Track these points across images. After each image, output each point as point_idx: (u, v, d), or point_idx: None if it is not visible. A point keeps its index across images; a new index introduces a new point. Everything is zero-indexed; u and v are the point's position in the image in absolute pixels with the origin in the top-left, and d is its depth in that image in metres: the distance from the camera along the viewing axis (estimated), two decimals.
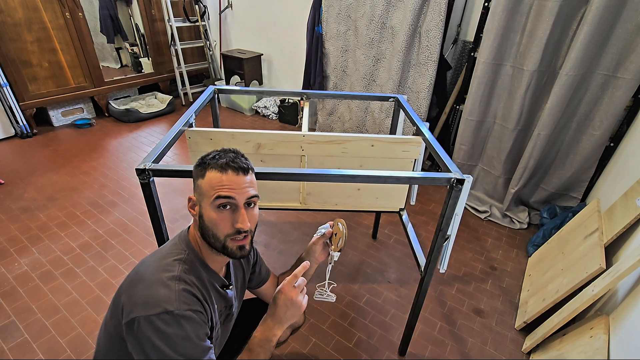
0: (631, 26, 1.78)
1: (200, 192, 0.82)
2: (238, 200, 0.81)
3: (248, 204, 0.83)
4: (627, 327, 1.21)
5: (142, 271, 0.81)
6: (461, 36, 2.69)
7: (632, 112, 1.95)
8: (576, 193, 2.29)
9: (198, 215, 0.84)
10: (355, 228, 2.30)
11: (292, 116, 3.80)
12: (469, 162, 2.58)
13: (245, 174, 0.83)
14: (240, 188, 0.81)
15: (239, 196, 0.81)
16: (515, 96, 2.19)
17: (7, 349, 1.47)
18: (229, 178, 0.80)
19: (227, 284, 0.95)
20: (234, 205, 0.81)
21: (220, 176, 0.80)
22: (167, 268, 0.81)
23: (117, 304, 0.80)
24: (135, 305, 0.75)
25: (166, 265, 0.81)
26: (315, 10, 2.96)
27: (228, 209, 0.81)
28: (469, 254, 2.13)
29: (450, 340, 1.61)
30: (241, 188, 0.81)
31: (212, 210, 0.80)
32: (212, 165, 0.81)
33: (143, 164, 1.01)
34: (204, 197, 0.81)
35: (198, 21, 3.96)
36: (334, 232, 1.13)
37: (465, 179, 1.04)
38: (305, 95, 1.73)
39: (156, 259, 0.84)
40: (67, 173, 2.71)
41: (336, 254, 1.11)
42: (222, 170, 0.80)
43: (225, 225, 0.81)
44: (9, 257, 1.92)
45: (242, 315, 1.14)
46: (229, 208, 0.81)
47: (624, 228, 1.50)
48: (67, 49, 3.24)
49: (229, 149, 0.86)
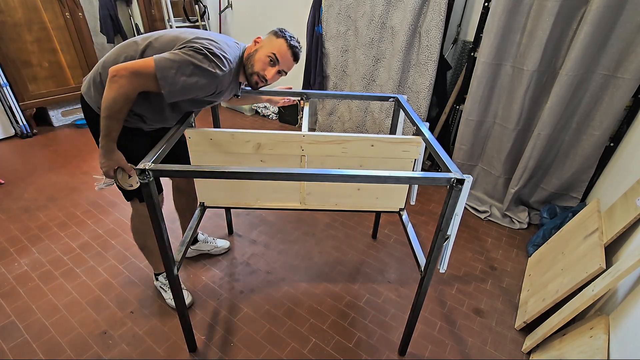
0: (631, 26, 1.78)
1: (269, 42, 1.29)
2: (279, 66, 1.30)
3: (279, 72, 1.32)
4: (627, 327, 1.21)
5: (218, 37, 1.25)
6: (461, 36, 2.69)
7: (632, 112, 1.95)
8: (576, 193, 2.29)
9: (255, 49, 1.30)
10: (355, 228, 2.30)
11: (292, 116, 3.80)
12: (469, 162, 2.58)
13: (295, 60, 1.34)
14: (286, 64, 1.32)
15: (281, 66, 1.31)
16: (515, 96, 2.19)
17: (7, 349, 1.47)
18: (287, 54, 1.29)
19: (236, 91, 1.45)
20: (274, 65, 1.30)
21: (286, 49, 1.29)
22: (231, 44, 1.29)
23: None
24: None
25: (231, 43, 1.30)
26: (315, 10, 2.96)
27: (271, 63, 1.29)
28: (469, 254, 2.13)
29: (450, 340, 1.61)
30: (286, 64, 1.32)
31: (264, 55, 1.28)
32: (287, 39, 1.29)
33: (143, 164, 1.02)
34: (268, 46, 1.29)
35: (198, 21, 3.95)
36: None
37: (465, 179, 1.04)
38: (305, 95, 1.73)
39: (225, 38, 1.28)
40: (67, 173, 2.71)
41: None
42: (288, 47, 1.29)
43: (262, 67, 1.29)
44: (9, 257, 1.92)
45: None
46: (272, 62, 1.29)
47: (624, 228, 1.50)
48: (67, 49, 3.24)
49: (297, 41, 1.33)
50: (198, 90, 1.17)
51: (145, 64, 1.09)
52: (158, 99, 1.25)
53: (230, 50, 1.24)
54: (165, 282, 1.70)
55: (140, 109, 1.25)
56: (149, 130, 1.39)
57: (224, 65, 1.18)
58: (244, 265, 1.96)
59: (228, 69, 1.21)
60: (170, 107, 1.30)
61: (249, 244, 2.12)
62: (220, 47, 1.19)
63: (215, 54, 1.15)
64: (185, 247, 1.39)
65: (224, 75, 1.19)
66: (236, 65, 1.28)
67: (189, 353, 1.49)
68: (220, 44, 1.19)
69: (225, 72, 1.20)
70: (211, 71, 1.14)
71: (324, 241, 2.17)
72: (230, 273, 1.90)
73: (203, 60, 1.12)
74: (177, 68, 1.10)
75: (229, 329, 1.60)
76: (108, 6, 3.85)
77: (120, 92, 1.08)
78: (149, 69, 1.08)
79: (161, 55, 1.11)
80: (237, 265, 1.95)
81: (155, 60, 1.09)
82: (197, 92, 1.18)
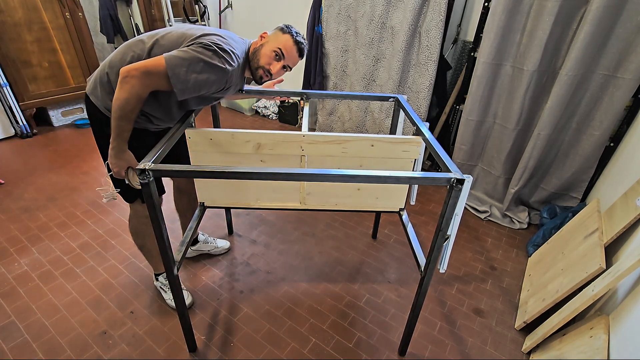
0: (631, 26, 1.78)
1: (275, 38, 1.31)
2: (284, 61, 1.32)
3: (284, 67, 1.33)
4: (627, 327, 1.21)
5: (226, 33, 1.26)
6: (461, 36, 2.69)
7: (632, 112, 1.95)
8: (576, 193, 2.29)
9: (260, 44, 1.32)
10: (355, 228, 2.30)
11: (292, 116, 3.80)
12: (468, 162, 2.58)
13: (300, 56, 1.35)
14: (291, 59, 1.33)
15: (286, 61, 1.32)
16: (515, 96, 2.19)
17: (7, 349, 1.47)
18: (292, 49, 1.31)
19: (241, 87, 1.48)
20: (280, 59, 1.31)
21: (291, 44, 1.31)
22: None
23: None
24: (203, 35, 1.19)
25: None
26: (315, 10, 2.96)
27: (277, 57, 1.30)
28: (469, 254, 2.13)
29: (450, 340, 1.61)
30: (291, 59, 1.33)
31: (270, 50, 1.30)
32: (293, 35, 1.31)
33: (143, 164, 1.02)
34: (274, 41, 1.31)
35: (198, 21, 3.95)
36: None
37: (465, 179, 1.04)
38: (305, 95, 1.73)
39: (232, 35, 1.28)
40: (67, 173, 2.71)
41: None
42: (294, 43, 1.31)
43: (267, 61, 1.30)
44: (9, 257, 1.92)
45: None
46: (277, 57, 1.30)
47: (623, 228, 1.50)
48: (67, 49, 3.24)
49: (303, 37, 1.34)
50: (209, 86, 1.18)
51: (156, 63, 1.09)
52: (166, 98, 1.25)
53: (237, 45, 1.25)
54: (165, 282, 1.70)
55: (148, 108, 1.26)
56: (155, 131, 1.39)
57: (233, 60, 1.20)
58: (244, 265, 1.96)
59: (237, 64, 1.23)
60: (177, 105, 1.30)
61: (249, 244, 2.12)
62: (228, 42, 1.20)
63: (225, 50, 1.16)
64: (185, 247, 1.39)
65: (233, 70, 1.21)
66: (243, 60, 1.30)
67: (189, 353, 1.49)
68: (227, 40, 1.21)
69: (235, 67, 1.21)
70: (221, 67, 1.15)
71: (324, 241, 2.17)
72: (230, 273, 1.90)
73: (213, 57, 1.13)
74: (188, 66, 1.10)
75: (229, 329, 1.60)
76: (108, 6, 3.85)
77: (133, 92, 1.08)
78: (160, 67, 1.09)
79: (171, 54, 1.11)
80: (237, 265, 1.96)
81: (165, 58, 1.09)
82: (208, 89, 1.19)
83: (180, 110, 1.34)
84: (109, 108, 1.22)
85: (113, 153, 1.17)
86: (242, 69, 1.33)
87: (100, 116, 1.28)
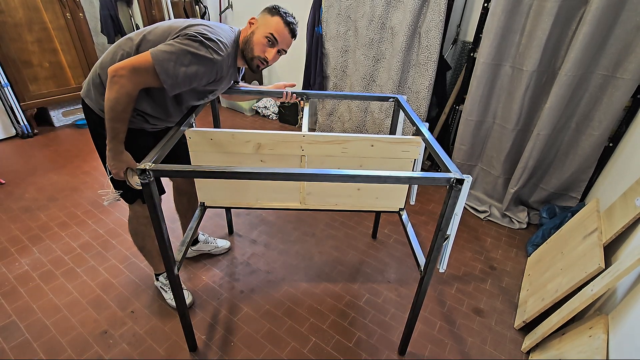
0: (630, 26, 1.78)
1: (264, 22, 1.26)
2: (278, 46, 1.28)
3: (278, 51, 1.29)
4: (626, 326, 1.21)
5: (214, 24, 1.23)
6: (461, 36, 2.70)
7: (631, 112, 1.95)
8: (575, 193, 2.29)
9: (251, 31, 1.27)
10: (355, 228, 2.31)
11: (292, 116, 3.80)
12: (468, 162, 2.58)
13: (293, 37, 1.30)
14: (285, 42, 1.28)
15: (280, 45, 1.28)
16: (514, 96, 2.19)
17: (8, 349, 1.48)
18: (284, 32, 1.26)
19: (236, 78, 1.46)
20: (273, 45, 1.27)
21: (283, 27, 1.25)
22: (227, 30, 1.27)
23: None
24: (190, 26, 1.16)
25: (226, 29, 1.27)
26: (315, 10, 2.97)
27: (270, 44, 1.26)
28: (468, 253, 2.13)
29: (449, 340, 1.62)
30: (285, 42, 1.29)
31: (262, 37, 1.25)
32: (282, 16, 1.25)
33: (143, 164, 1.02)
34: (263, 26, 1.25)
35: None
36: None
37: (465, 178, 1.05)
38: (306, 96, 1.73)
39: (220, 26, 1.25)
40: (68, 173, 2.72)
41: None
42: (285, 24, 1.26)
43: (261, 49, 1.27)
44: (9, 257, 1.93)
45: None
46: (270, 43, 1.26)
47: (623, 228, 1.50)
48: (67, 49, 3.24)
49: (293, 16, 1.29)
50: (200, 78, 1.16)
51: (143, 59, 1.07)
52: (159, 94, 1.24)
53: (224, 33, 1.22)
54: (165, 282, 1.71)
55: (143, 107, 1.25)
56: (153, 131, 1.39)
57: (221, 49, 1.17)
58: (244, 265, 1.96)
59: (225, 53, 1.20)
60: (173, 101, 1.29)
61: (249, 243, 2.12)
62: (215, 31, 1.18)
63: (211, 39, 1.14)
64: (185, 247, 1.39)
65: (222, 59, 1.19)
66: (233, 50, 1.26)
67: (189, 353, 1.50)
68: (214, 29, 1.18)
69: (223, 56, 1.19)
70: (209, 57, 1.13)
71: (324, 241, 2.18)
72: (230, 273, 1.91)
73: (199, 48, 1.11)
74: (175, 59, 1.08)
75: (229, 329, 1.61)
76: (109, 6, 3.86)
77: (122, 91, 1.07)
78: (147, 64, 1.07)
79: (157, 48, 1.09)
80: (237, 265, 1.96)
81: (152, 54, 1.07)
82: (199, 81, 1.17)
83: (177, 107, 1.32)
84: (103, 109, 1.22)
85: (110, 155, 1.16)
86: (234, 58, 1.30)
87: (95, 118, 1.27)
